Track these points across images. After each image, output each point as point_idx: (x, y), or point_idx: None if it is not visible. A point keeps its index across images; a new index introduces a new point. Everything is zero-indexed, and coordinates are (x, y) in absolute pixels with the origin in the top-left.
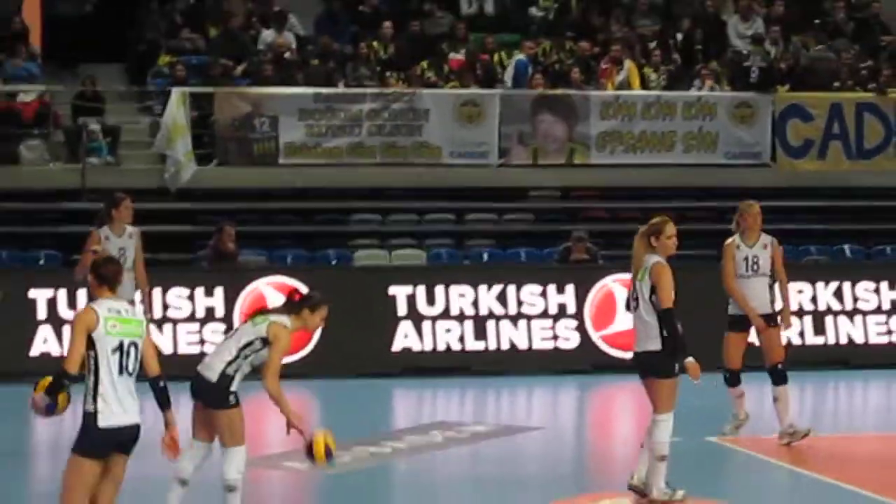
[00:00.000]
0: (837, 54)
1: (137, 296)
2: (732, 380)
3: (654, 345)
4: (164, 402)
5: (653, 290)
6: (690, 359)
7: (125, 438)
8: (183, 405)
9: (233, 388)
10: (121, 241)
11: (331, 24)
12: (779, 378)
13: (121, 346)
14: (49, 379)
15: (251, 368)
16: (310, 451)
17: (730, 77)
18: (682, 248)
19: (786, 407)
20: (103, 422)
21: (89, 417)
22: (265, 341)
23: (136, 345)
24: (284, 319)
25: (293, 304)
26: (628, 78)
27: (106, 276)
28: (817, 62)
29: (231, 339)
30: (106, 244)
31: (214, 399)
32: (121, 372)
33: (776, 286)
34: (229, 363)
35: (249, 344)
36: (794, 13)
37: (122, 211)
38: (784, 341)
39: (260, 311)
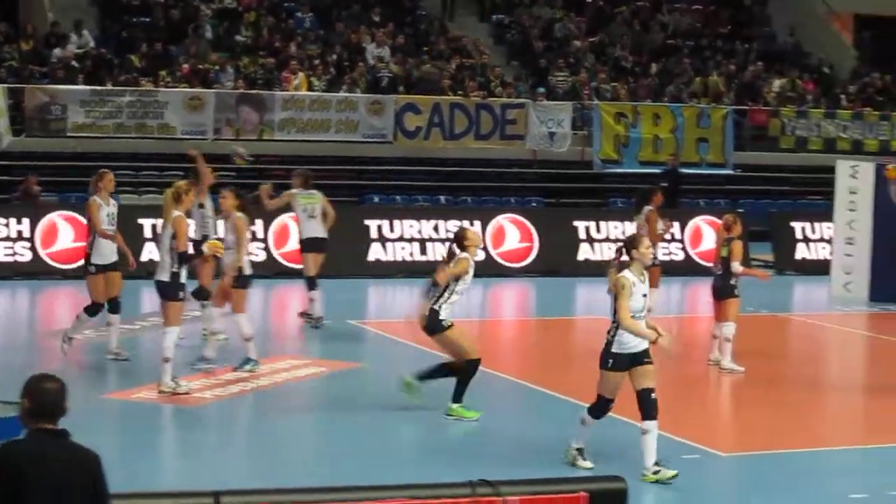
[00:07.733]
0: (440, 71)
1: None
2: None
3: None
4: None
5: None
6: None
7: None
8: None
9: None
10: None
11: (106, 41)
12: None
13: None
14: None
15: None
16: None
17: (367, 84)
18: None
19: None
20: None
21: None
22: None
23: None
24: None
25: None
26: (300, 84)
27: None
28: (425, 75)
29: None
30: None
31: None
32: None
33: None
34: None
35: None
36: (410, 43)
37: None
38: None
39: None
